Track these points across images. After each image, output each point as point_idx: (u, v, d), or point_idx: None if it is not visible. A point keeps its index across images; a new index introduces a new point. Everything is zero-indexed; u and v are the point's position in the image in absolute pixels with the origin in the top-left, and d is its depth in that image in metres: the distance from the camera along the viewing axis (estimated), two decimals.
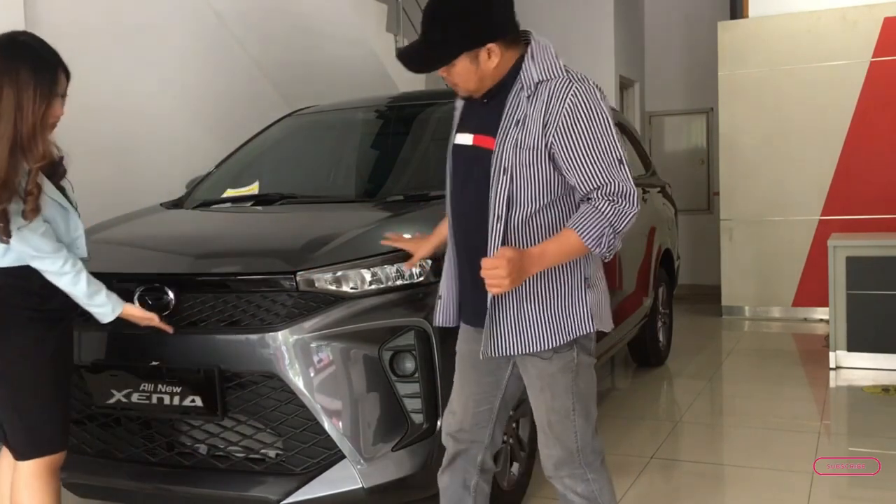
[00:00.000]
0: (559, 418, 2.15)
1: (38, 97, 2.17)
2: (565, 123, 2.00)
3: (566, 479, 2.19)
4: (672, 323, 5.91)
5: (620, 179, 1.99)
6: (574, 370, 2.13)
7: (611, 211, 1.98)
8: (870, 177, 6.94)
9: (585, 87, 2.03)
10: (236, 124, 5.06)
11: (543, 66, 2.08)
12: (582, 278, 2.11)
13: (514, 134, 2.06)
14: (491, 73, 2.07)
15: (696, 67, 8.96)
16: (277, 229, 3.23)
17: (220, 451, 2.67)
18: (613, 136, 2.02)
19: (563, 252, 2.01)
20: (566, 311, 2.10)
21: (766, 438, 4.06)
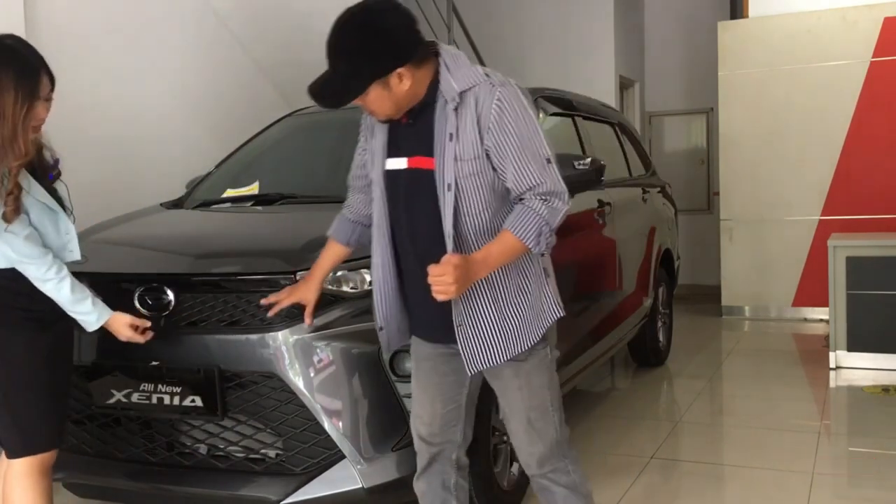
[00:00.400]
0: (539, 414, 2.19)
1: (20, 100, 2.17)
2: (495, 128, 2.02)
3: (550, 474, 2.23)
4: (672, 323, 5.91)
5: (551, 178, 2.04)
6: (547, 365, 2.19)
7: (545, 210, 2.02)
8: (870, 177, 6.94)
9: (508, 90, 2.04)
10: (236, 124, 5.06)
11: (461, 75, 2.06)
12: (542, 271, 2.17)
13: (451, 148, 2.05)
14: (405, 95, 2.05)
15: (696, 67, 8.96)
16: (277, 229, 3.23)
17: (220, 451, 2.67)
18: (541, 136, 2.06)
19: (505, 254, 2.04)
20: (537, 308, 2.15)
21: (766, 438, 4.06)
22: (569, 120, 4.31)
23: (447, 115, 2.05)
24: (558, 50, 8.34)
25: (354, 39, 2.01)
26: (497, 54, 8.03)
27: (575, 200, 2.42)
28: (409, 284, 2.21)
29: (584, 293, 3.94)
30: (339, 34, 2.04)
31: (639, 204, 5.05)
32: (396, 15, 2.01)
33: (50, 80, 2.29)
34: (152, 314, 2.68)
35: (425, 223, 2.12)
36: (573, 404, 4.65)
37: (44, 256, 2.27)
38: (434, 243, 2.08)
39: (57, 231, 2.35)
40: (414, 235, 2.16)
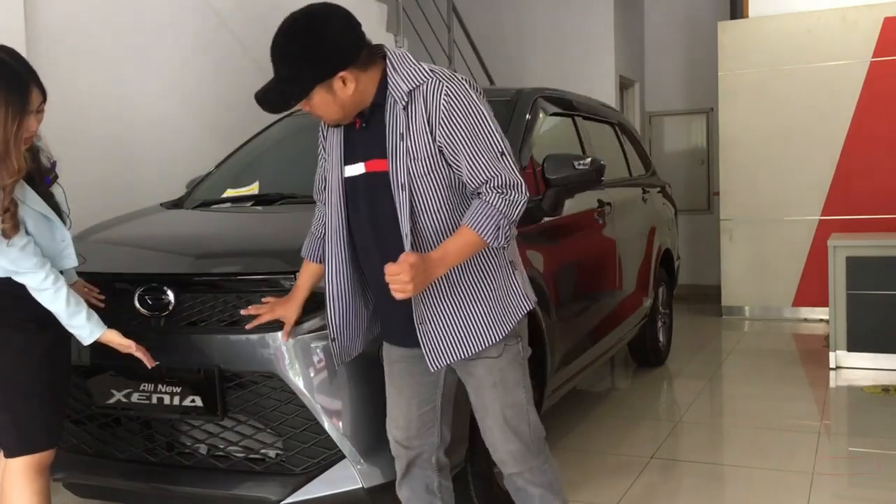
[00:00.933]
0: (515, 412, 2.18)
1: (10, 115, 2.15)
2: (445, 123, 2.02)
3: (526, 473, 2.22)
4: (672, 323, 5.91)
5: (506, 171, 2.01)
6: (520, 362, 2.18)
7: (502, 203, 2.00)
8: (870, 177, 6.95)
9: (456, 84, 2.04)
10: (236, 124, 5.06)
11: (408, 74, 2.06)
12: (507, 263, 2.15)
13: (402, 147, 2.05)
14: (351, 99, 2.05)
15: (696, 67, 8.96)
16: (277, 229, 3.23)
17: (220, 451, 2.67)
18: (492, 128, 2.04)
19: (463, 249, 2.03)
20: (503, 301, 2.13)
21: (766, 438, 4.06)
22: (569, 120, 4.31)
23: (397, 114, 2.05)
24: (558, 50, 8.35)
25: (297, 44, 2.03)
26: (497, 54, 8.03)
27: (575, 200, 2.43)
28: (374, 289, 2.22)
29: (584, 293, 3.94)
30: (281, 39, 2.06)
31: (639, 204, 5.05)
32: (338, 19, 2.04)
33: (41, 92, 2.26)
34: (152, 314, 2.68)
35: (388, 225, 2.10)
36: (573, 404, 4.65)
37: (41, 268, 2.26)
38: (398, 245, 2.06)
39: (53, 239, 2.34)
40: (377, 239, 2.14)
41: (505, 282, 2.14)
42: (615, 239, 4.33)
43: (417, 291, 1.96)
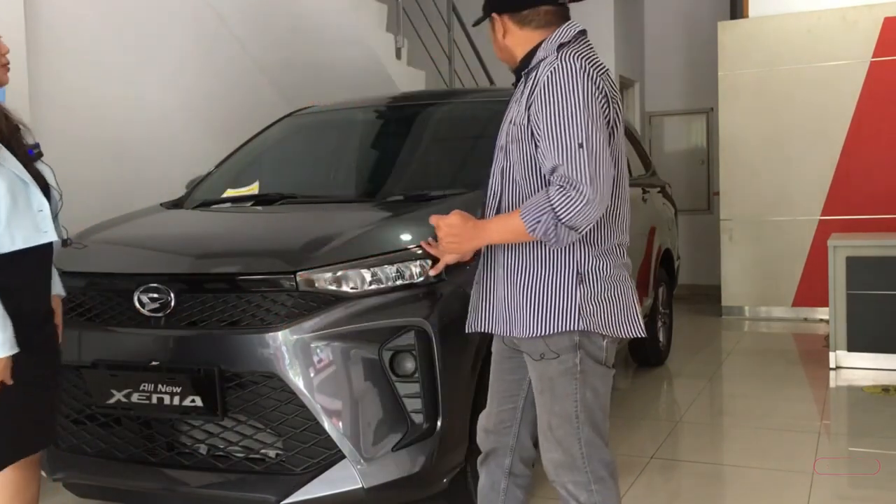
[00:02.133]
0: (560, 422, 2.09)
1: None
2: (538, 99, 2.00)
3: (569, 485, 2.12)
4: (672, 323, 5.91)
5: (575, 164, 1.90)
6: (577, 377, 2.06)
7: (557, 197, 1.90)
8: (870, 177, 6.95)
9: (567, 65, 2.00)
10: (236, 124, 5.06)
11: (550, 47, 2.09)
12: (572, 271, 2.03)
13: (512, 111, 2.11)
14: (503, 45, 2.16)
15: (696, 67, 8.96)
16: (277, 229, 3.23)
17: (220, 451, 2.67)
18: (581, 117, 1.93)
19: (504, 230, 1.99)
20: (547, 303, 2.03)
21: (766, 438, 4.06)
22: None
23: (523, 80, 2.11)
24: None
25: None
26: None
27: None
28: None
29: None
30: None
31: (639, 204, 5.05)
32: None
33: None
34: (152, 314, 2.68)
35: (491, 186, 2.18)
36: None
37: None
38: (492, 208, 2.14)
39: (29, 206, 2.14)
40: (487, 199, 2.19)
41: (557, 287, 2.03)
42: None
43: (448, 251, 2.01)
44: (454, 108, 4.10)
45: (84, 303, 2.82)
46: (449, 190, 3.19)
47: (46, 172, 2.26)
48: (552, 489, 2.26)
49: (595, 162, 1.91)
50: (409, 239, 2.75)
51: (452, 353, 2.65)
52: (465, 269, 2.72)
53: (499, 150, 2.12)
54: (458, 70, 7.08)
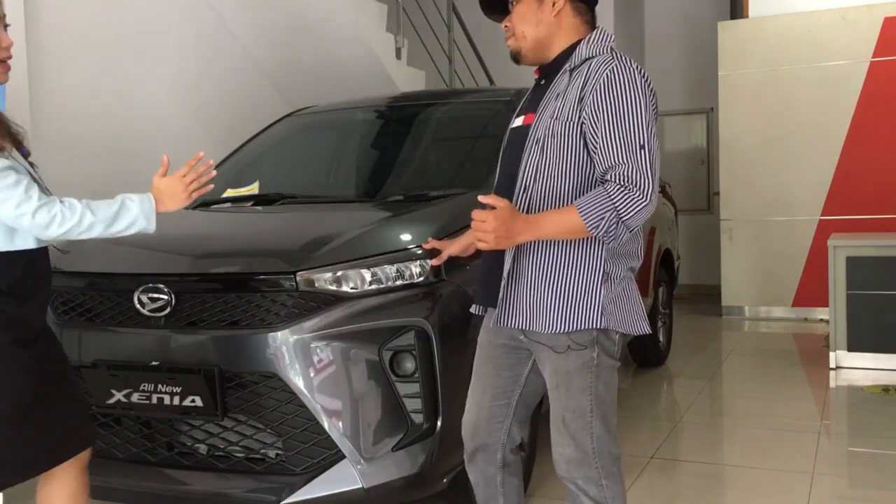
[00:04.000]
0: (574, 417, 2.10)
1: None
2: (596, 97, 1.98)
3: (579, 480, 2.13)
4: (672, 323, 5.91)
5: (637, 165, 1.93)
6: (593, 371, 2.09)
7: (619, 195, 1.90)
8: (870, 177, 6.95)
9: (625, 67, 2.00)
10: (236, 124, 5.07)
11: (594, 47, 2.09)
12: (600, 272, 2.04)
13: (552, 106, 2.07)
14: (549, 24, 2.10)
15: (696, 67, 8.97)
16: (277, 229, 3.23)
17: (220, 451, 2.67)
18: (643, 119, 1.97)
19: (560, 226, 1.96)
20: (574, 300, 2.03)
21: (766, 438, 4.06)
22: None
23: (564, 76, 2.08)
24: None
25: None
26: (497, 54, 7.99)
27: None
28: None
29: None
30: None
31: None
32: None
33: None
34: (152, 314, 2.68)
35: (507, 180, 2.14)
36: None
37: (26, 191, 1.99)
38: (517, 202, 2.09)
39: None
40: (507, 193, 2.12)
41: (584, 284, 2.04)
42: None
43: (498, 245, 1.94)
44: (454, 108, 4.10)
45: (84, 303, 2.82)
46: (449, 190, 3.19)
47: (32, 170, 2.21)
48: (553, 489, 2.26)
49: (653, 164, 1.96)
50: (409, 239, 2.75)
51: (452, 353, 2.65)
52: (466, 268, 2.72)
53: (533, 144, 2.07)
54: (458, 70, 7.08)
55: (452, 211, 2.94)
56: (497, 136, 2.59)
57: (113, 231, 2.06)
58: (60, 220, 1.98)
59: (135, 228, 2.10)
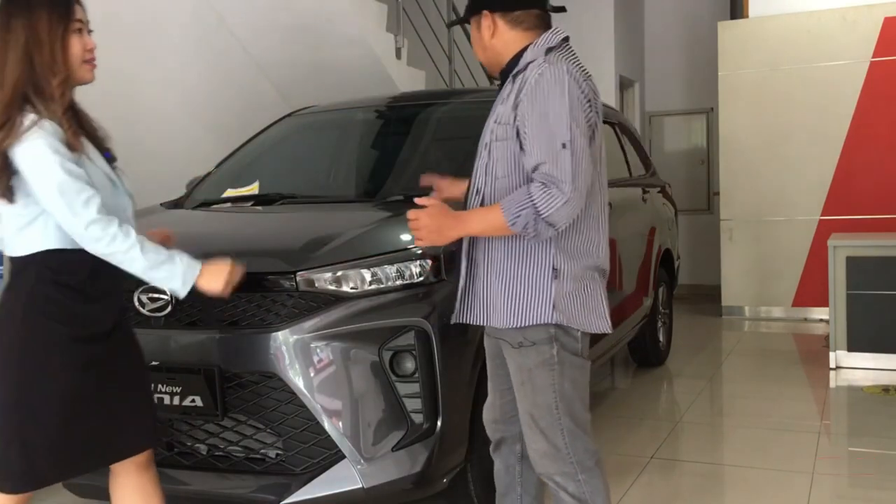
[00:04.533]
0: (542, 413, 2.17)
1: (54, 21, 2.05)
2: (526, 98, 2.07)
3: (556, 476, 2.19)
4: (672, 323, 5.91)
5: (558, 164, 1.99)
6: (555, 367, 2.14)
7: (538, 193, 1.98)
8: (870, 177, 6.95)
9: (555, 69, 2.07)
10: (236, 124, 5.06)
11: (537, 51, 2.15)
12: (548, 267, 2.11)
13: (497, 110, 2.18)
14: (492, 46, 2.20)
15: (696, 67, 8.96)
16: (277, 229, 3.23)
17: (220, 451, 2.67)
18: (565, 121, 2.02)
19: (485, 222, 2.07)
20: (524, 296, 2.12)
21: (766, 438, 4.06)
22: None
23: (509, 81, 2.17)
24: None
25: None
26: None
27: None
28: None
29: None
30: None
31: (639, 204, 5.05)
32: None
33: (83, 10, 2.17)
34: (152, 314, 2.68)
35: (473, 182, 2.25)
36: None
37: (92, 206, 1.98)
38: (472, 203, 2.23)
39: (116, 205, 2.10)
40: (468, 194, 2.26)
41: (533, 281, 2.11)
42: (615, 239, 4.32)
43: (432, 241, 2.07)
44: (454, 108, 4.10)
45: None
46: None
47: (122, 177, 2.28)
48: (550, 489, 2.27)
49: (577, 162, 2.00)
50: (409, 239, 2.74)
51: (452, 353, 2.65)
52: None
53: (482, 148, 2.21)
54: (458, 70, 7.08)
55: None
56: None
57: (150, 276, 2.07)
58: (109, 241, 2.00)
59: (169, 285, 2.10)
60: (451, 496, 2.86)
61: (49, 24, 2.04)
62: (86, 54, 2.13)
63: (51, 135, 1.98)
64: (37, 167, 1.97)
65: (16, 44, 2.02)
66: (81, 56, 2.11)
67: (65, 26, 2.06)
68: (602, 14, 8.26)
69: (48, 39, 2.04)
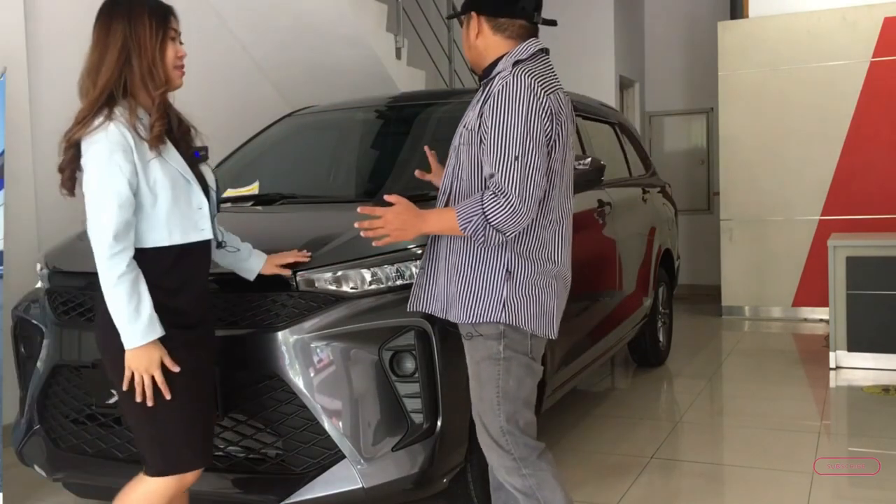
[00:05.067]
0: (485, 408, 2.25)
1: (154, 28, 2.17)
2: (488, 107, 2.14)
3: (501, 470, 2.27)
4: (672, 323, 5.91)
5: (509, 175, 2.07)
6: (501, 364, 2.22)
7: (489, 202, 2.07)
8: (870, 177, 6.94)
9: (518, 80, 2.12)
10: (236, 124, 5.06)
11: (507, 61, 2.22)
12: (502, 269, 2.20)
13: (466, 115, 2.26)
14: (475, 46, 2.28)
15: (696, 67, 8.97)
16: (277, 229, 3.23)
17: (220, 451, 2.67)
18: (521, 132, 2.09)
19: (441, 223, 2.17)
20: (474, 293, 2.20)
21: (766, 438, 4.06)
22: None
23: (481, 88, 2.25)
24: (558, 50, 8.26)
25: None
26: None
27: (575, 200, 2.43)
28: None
29: (584, 293, 3.94)
30: None
31: (639, 204, 5.05)
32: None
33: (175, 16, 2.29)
34: None
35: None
36: (573, 404, 4.65)
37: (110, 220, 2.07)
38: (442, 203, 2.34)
39: (189, 203, 2.20)
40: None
41: (487, 280, 2.20)
42: (615, 239, 4.33)
43: (397, 237, 2.16)
44: (454, 108, 4.10)
45: (84, 303, 2.82)
46: None
47: (208, 174, 2.36)
48: None
49: (527, 175, 2.08)
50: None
51: (452, 353, 2.65)
52: None
53: (452, 151, 2.30)
54: (458, 70, 7.09)
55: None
56: None
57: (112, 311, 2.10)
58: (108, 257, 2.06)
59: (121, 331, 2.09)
60: (451, 496, 2.86)
61: (150, 31, 2.15)
62: (177, 61, 2.26)
63: (112, 141, 2.08)
64: (87, 166, 2.10)
65: (114, 47, 2.13)
66: (174, 62, 2.24)
67: (163, 33, 2.18)
68: (602, 14, 8.27)
69: (150, 45, 2.15)
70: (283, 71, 5.99)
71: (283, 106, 5.60)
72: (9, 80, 3.97)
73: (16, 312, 3.14)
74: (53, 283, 2.98)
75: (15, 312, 3.14)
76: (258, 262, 2.57)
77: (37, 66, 4.33)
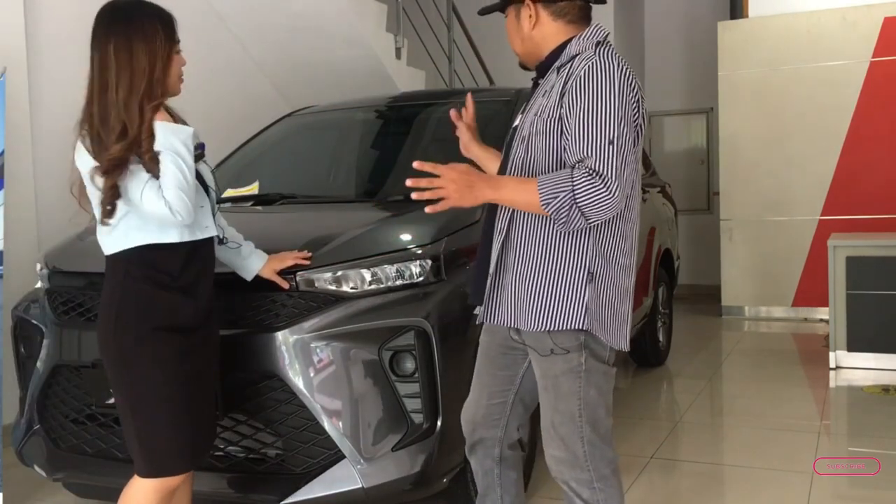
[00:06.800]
0: (563, 420, 2.08)
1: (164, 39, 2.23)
2: (573, 90, 1.96)
3: (571, 482, 2.12)
4: (672, 323, 5.91)
5: (603, 159, 1.89)
6: (582, 375, 2.06)
7: (582, 182, 1.87)
8: (870, 177, 6.95)
9: (604, 62, 1.97)
10: (236, 124, 5.06)
11: (582, 44, 2.07)
12: (584, 271, 2.01)
13: (538, 103, 2.08)
14: (531, 37, 2.12)
15: (696, 67, 8.97)
16: (277, 229, 3.23)
17: (220, 451, 2.67)
18: (616, 115, 1.92)
19: (517, 192, 1.94)
20: (557, 298, 2.00)
21: (766, 438, 4.06)
22: None
23: (553, 74, 2.08)
24: None
25: None
26: (497, 54, 8.01)
27: None
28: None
29: None
30: None
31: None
32: None
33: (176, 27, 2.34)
34: None
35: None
36: None
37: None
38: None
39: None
40: None
41: (569, 283, 2.01)
42: None
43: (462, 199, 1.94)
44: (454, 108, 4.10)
45: (84, 303, 2.82)
46: None
47: (206, 172, 2.36)
48: (553, 489, 2.27)
49: (623, 161, 1.90)
50: (409, 239, 2.75)
51: (452, 353, 2.65)
52: (466, 268, 2.73)
53: (519, 143, 2.10)
54: (458, 70, 7.08)
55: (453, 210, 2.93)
56: (497, 136, 2.59)
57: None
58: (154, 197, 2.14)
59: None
60: (451, 496, 2.86)
61: (163, 44, 2.22)
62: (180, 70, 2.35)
63: None
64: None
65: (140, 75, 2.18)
66: (178, 72, 2.33)
67: (171, 46, 2.25)
68: (602, 14, 8.23)
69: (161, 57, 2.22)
70: (283, 71, 5.99)
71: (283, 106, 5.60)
72: (9, 80, 3.97)
73: (16, 312, 3.13)
74: (53, 283, 2.98)
75: (15, 312, 3.14)
76: (258, 262, 2.56)
77: (37, 66, 4.33)
